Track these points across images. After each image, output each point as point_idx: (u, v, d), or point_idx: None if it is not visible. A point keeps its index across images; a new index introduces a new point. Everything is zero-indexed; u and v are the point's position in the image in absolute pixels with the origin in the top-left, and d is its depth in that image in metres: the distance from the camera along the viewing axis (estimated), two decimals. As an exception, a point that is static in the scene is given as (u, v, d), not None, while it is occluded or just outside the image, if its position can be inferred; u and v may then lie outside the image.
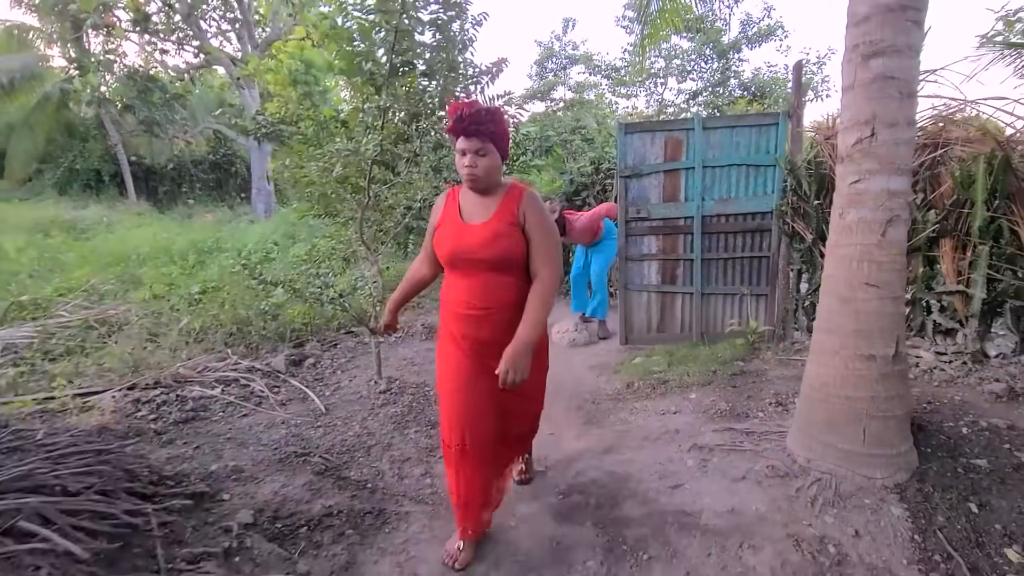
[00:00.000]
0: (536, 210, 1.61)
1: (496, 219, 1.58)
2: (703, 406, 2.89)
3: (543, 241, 1.60)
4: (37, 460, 1.41)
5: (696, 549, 1.77)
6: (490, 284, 1.60)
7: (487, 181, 1.61)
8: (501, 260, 1.58)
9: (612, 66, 12.23)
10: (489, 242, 1.56)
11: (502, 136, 1.60)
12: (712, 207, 4.04)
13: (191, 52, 16.07)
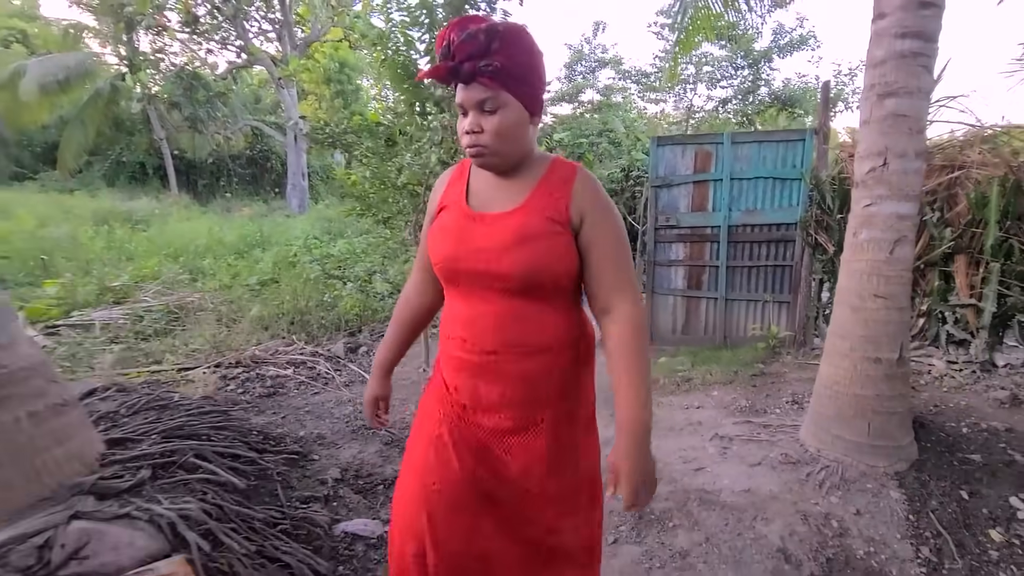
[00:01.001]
0: (602, 203, 0.95)
1: (526, 210, 0.93)
2: (724, 402, 3.15)
3: (616, 254, 0.94)
4: (183, 416, 1.77)
5: (715, 520, 2.04)
6: (508, 315, 0.95)
7: (505, 155, 0.93)
8: (529, 277, 0.92)
9: (642, 72, 12.40)
10: (512, 245, 0.91)
11: (525, 75, 0.89)
12: (738, 217, 4.28)
13: (233, 52, 16.77)
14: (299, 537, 1.63)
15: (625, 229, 0.98)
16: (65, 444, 1.40)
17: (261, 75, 19.92)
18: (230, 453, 1.69)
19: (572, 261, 0.95)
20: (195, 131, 17.40)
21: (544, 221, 0.93)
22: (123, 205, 10.92)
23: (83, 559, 1.18)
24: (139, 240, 7.12)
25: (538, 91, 0.94)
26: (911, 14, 1.93)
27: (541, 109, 0.96)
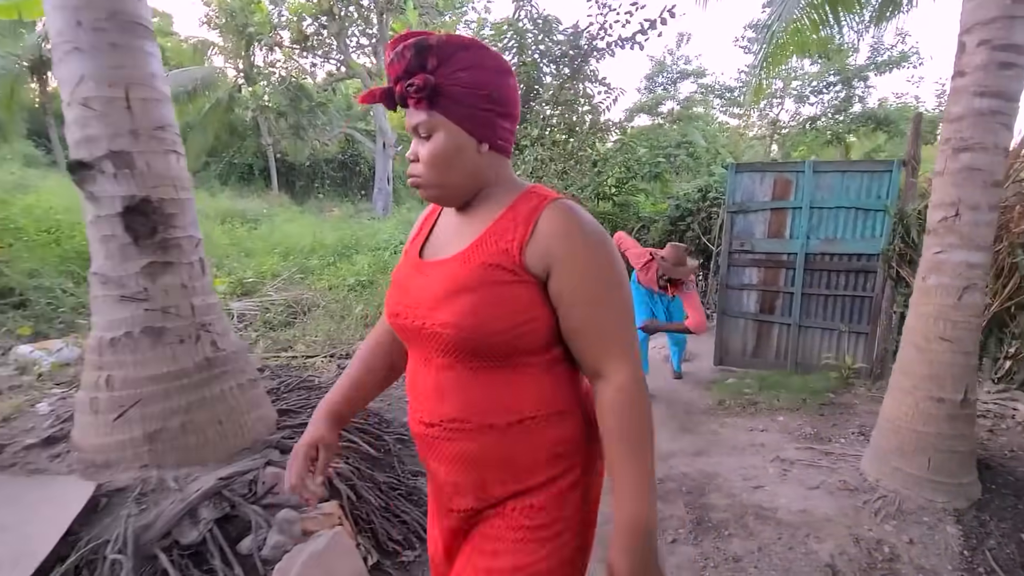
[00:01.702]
0: (575, 244, 0.75)
1: (465, 254, 0.78)
2: (789, 428, 3.26)
3: (597, 309, 0.76)
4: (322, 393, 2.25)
5: (769, 534, 2.23)
6: (462, 381, 0.78)
7: (445, 187, 0.80)
8: (466, 338, 0.75)
9: (725, 86, 12.21)
10: (443, 298, 0.76)
11: (466, 95, 0.75)
12: (817, 245, 4.30)
13: (334, 64, 18.26)
14: (412, 501, 2.04)
15: (618, 273, 0.77)
16: (256, 410, 1.89)
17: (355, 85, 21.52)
18: (360, 429, 2.14)
19: (533, 315, 0.75)
20: (297, 137, 19.12)
21: (482, 268, 0.75)
22: (238, 204, 12.32)
23: (276, 494, 1.64)
24: (254, 238, 8.12)
25: (487, 113, 0.76)
26: (991, 74, 2.04)
27: (498, 134, 0.79)
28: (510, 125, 0.81)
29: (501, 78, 0.78)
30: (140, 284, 1.68)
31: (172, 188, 1.77)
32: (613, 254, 0.78)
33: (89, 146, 1.65)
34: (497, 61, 0.78)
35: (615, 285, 0.77)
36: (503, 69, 0.79)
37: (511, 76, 0.80)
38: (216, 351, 1.81)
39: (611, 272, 0.77)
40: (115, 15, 1.67)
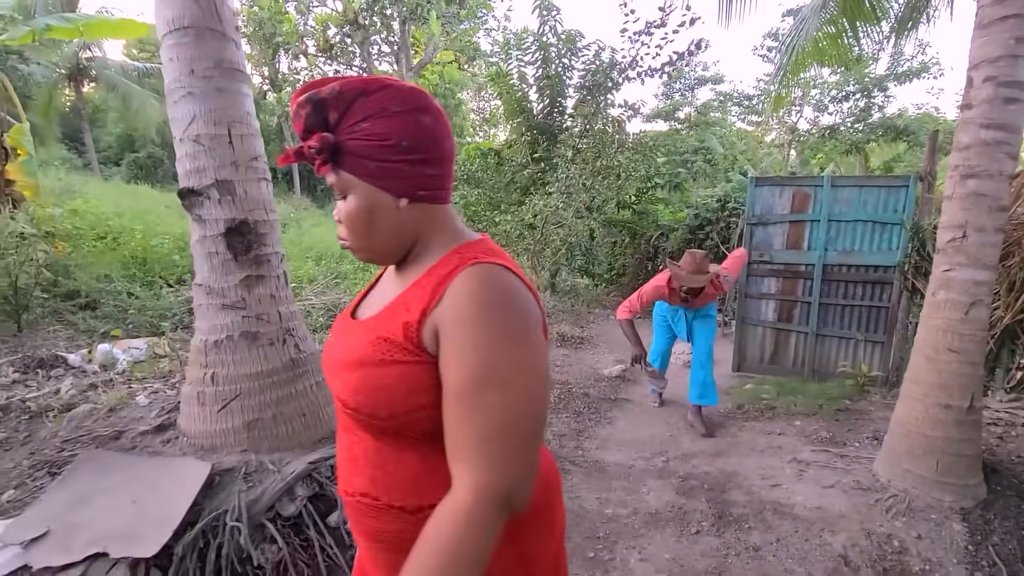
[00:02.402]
0: (469, 318, 0.64)
1: (376, 322, 0.71)
2: (806, 432, 3.44)
3: (469, 397, 0.63)
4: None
5: (787, 527, 2.43)
6: (372, 454, 0.73)
7: (370, 249, 0.74)
8: (363, 415, 0.70)
9: (744, 94, 12.32)
10: (345, 368, 0.72)
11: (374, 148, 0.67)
12: (834, 257, 4.47)
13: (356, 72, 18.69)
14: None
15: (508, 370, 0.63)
16: (330, 405, 2.15)
17: (378, 92, 21.95)
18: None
19: (433, 400, 0.66)
20: (319, 143, 19.57)
21: (376, 343, 0.68)
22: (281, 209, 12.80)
23: (353, 478, 1.89)
24: (286, 243, 8.49)
25: (399, 163, 0.67)
26: (996, 108, 2.23)
27: (417, 184, 0.69)
28: (435, 170, 0.71)
29: (412, 119, 0.68)
30: (239, 294, 1.95)
31: (263, 211, 2.05)
32: (507, 338, 0.63)
33: (199, 176, 1.93)
34: (407, 99, 0.68)
35: (494, 385, 0.62)
36: (415, 107, 0.68)
37: (427, 113, 0.69)
38: (298, 352, 2.07)
39: (493, 368, 0.62)
40: (220, 64, 1.95)
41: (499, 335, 0.63)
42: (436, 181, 0.72)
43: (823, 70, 10.21)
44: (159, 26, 1.96)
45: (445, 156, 0.72)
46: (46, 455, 2.00)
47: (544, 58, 7.19)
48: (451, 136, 0.74)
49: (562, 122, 7.41)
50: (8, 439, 2.15)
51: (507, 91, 7.18)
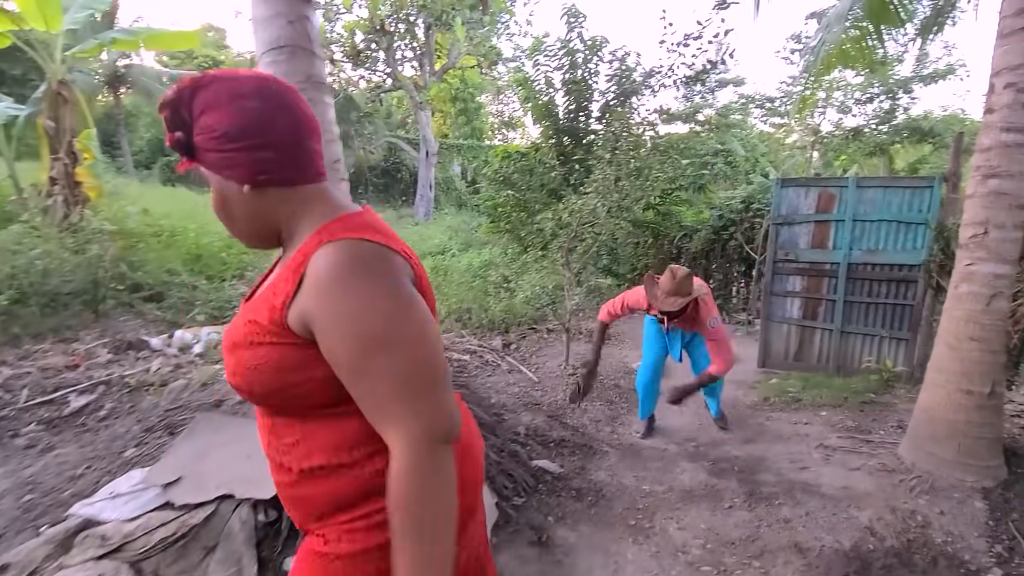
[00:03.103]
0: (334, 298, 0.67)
1: (251, 306, 0.76)
2: (831, 422, 3.59)
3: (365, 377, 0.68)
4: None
5: (815, 503, 2.60)
6: (264, 425, 0.80)
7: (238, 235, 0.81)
8: (244, 392, 0.76)
9: (766, 96, 12.38)
10: (226, 350, 0.77)
11: (216, 141, 0.71)
12: (859, 256, 4.60)
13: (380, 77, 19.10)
14: (515, 460, 2.50)
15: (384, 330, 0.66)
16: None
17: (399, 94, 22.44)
18: (473, 397, 2.63)
19: (306, 376, 0.70)
20: (344, 146, 20.03)
21: (247, 326, 0.72)
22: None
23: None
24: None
25: (233, 152, 0.71)
26: (1016, 112, 2.38)
27: (255, 169, 0.72)
28: (272, 153, 0.72)
29: (235, 108, 0.70)
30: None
31: (343, 207, 2.30)
32: (373, 302, 0.66)
33: (290, 176, 2.19)
34: (234, 87, 0.71)
35: (378, 347, 0.66)
36: (237, 96, 0.71)
37: (251, 99, 0.71)
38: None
39: (372, 333, 0.66)
40: (309, 78, 2.21)
41: (364, 303, 0.66)
42: (274, 165, 0.73)
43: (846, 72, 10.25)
44: (258, 46, 2.23)
45: (282, 139, 0.73)
46: (151, 422, 2.28)
47: (571, 63, 7.43)
48: (292, 116, 0.74)
49: (587, 125, 7.63)
50: (116, 409, 2.45)
51: (534, 96, 7.41)
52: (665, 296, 2.68)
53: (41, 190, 5.08)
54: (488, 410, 2.95)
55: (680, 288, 2.67)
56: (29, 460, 2.21)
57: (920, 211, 4.38)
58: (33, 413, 2.55)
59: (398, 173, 22.60)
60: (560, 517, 2.38)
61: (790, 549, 2.24)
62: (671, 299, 2.66)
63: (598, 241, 4.65)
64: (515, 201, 7.17)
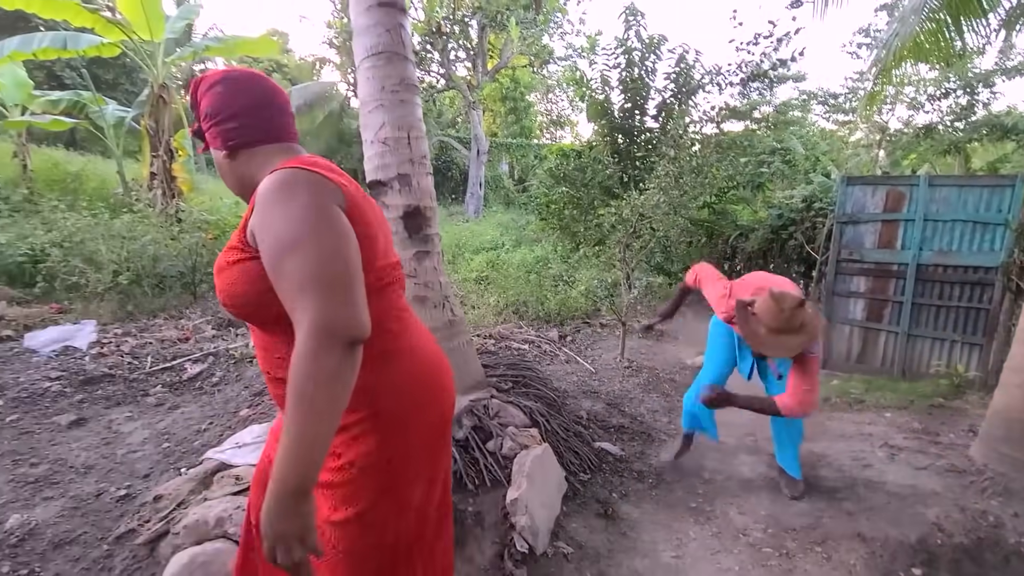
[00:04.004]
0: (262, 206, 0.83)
1: (230, 239, 0.93)
2: (897, 423, 3.53)
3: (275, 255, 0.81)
4: (506, 360, 2.92)
5: (879, 499, 2.60)
6: (257, 342, 0.99)
7: (234, 191, 1.03)
8: (236, 310, 0.93)
9: (829, 92, 11.91)
10: (215, 274, 0.95)
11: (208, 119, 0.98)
12: (930, 257, 4.45)
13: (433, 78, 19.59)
14: (580, 439, 2.65)
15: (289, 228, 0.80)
16: (475, 362, 2.59)
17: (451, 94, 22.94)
18: (538, 381, 2.80)
19: (269, 285, 0.83)
20: (398, 145, 20.60)
21: (226, 252, 0.91)
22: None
23: (500, 417, 2.31)
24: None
25: (211, 128, 0.97)
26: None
27: (226, 138, 0.96)
28: (235, 123, 0.96)
29: (211, 94, 0.96)
30: (411, 266, 2.43)
31: (429, 199, 2.51)
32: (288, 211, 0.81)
33: (385, 171, 2.42)
34: (211, 79, 0.97)
35: (287, 249, 0.79)
36: (212, 84, 0.97)
37: (220, 84, 0.96)
38: (453, 316, 2.53)
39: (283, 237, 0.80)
40: (403, 81, 2.44)
41: (282, 214, 0.81)
42: (238, 131, 0.96)
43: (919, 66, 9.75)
44: (358, 53, 2.47)
45: (241, 110, 0.96)
46: (257, 387, 2.58)
47: (628, 62, 7.46)
48: (250, 93, 0.97)
49: (643, 123, 7.65)
50: (225, 376, 2.77)
51: (590, 95, 7.50)
52: (770, 335, 1.94)
53: (143, 184, 5.63)
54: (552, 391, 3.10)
55: (792, 323, 1.90)
56: (160, 416, 2.57)
57: (1000, 211, 4.21)
58: (158, 377, 2.95)
59: (448, 171, 23.09)
60: (624, 495, 2.51)
61: (853, 538, 2.28)
62: (780, 339, 1.93)
63: (655, 237, 4.72)
64: (568, 198, 7.29)
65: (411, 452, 0.98)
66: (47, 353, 3.21)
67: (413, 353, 1.01)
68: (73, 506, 2.00)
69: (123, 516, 1.93)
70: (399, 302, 1.04)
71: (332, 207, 0.85)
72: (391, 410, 0.95)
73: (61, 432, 2.55)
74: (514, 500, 1.96)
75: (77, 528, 1.88)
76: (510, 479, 2.06)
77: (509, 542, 1.90)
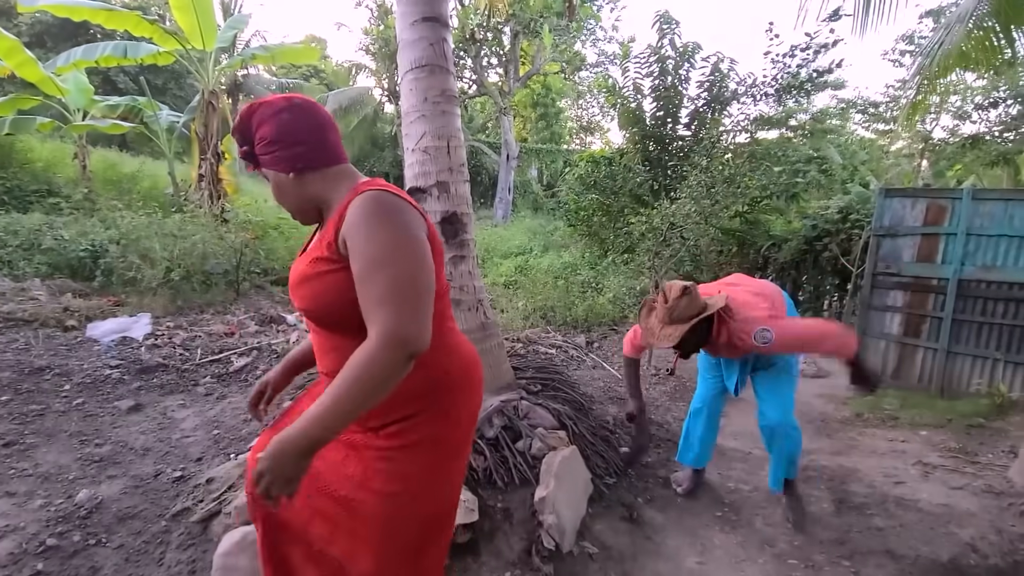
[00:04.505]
0: (358, 222, 0.95)
1: (311, 251, 1.05)
2: (933, 441, 3.45)
3: (365, 272, 0.92)
4: (534, 363, 3.00)
5: (910, 517, 2.57)
6: (325, 345, 1.09)
7: (291, 213, 1.11)
8: (316, 315, 1.05)
9: (869, 101, 11.60)
10: (296, 286, 1.05)
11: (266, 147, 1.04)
12: (972, 272, 4.33)
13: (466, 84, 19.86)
14: (606, 443, 2.70)
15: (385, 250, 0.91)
16: (505, 363, 2.67)
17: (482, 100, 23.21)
18: (566, 385, 2.86)
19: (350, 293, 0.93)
20: (429, 150, 20.95)
21: (313, 262, 1.00)
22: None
23: (530, 418, 2.38)
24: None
25: (275, 152, 1.02)
26: None
27: (294, 162, 1.03)
28: (304, 148, 1.03)
29: (273, 120, 1.02)
30: (448, 269, 2.53)
31: (466, 205, 2.62)
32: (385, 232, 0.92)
33: (425, 178, 2.54)
34: (269, 108, 1.03)
35: (379, 265, 0.90)
36: (276, 111, 1.02)
37: (283, 111, 1.02)
38: (486, 319, 2.62)
39: (377, 254, 0.91)
40: (444, 92, 2.55)
41: (378, 232, 0.92)
42: (308, 154, 1.03)
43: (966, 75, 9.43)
44: (402, 65, 2.60)
45: (308, 137, 1.03)
46: (300, 381, 2.71)
47: (661, 69, 7.47)
48: (313, 120, 1.04)
49: (675, 131, 7.63)
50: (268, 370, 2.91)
51: (622, 102, 7.53)
52: (662, 326, 1.94)
53: (191, 185, 5.94)
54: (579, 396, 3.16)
55: (674, 313, 1.89)
56: (210, 405, 2.74)
57: (1049, 227, 4.06)
58: (207, 369, 3.14)
59: (478, 176, 23.32)
60: (649, 500, 2.55)
61: (882, 554, 2.26)
62: (668, 330, 1.92)
63: (685, 245, 4.72)
64: (598, 205, 7.33)
65: (458, 436, 1.13)
66: (107, 342, 3.47)
67: (460, 351, 1.16)
68: (134, 484, 2.17)
69: (179, 496, 2.08)
70: (448, 309, 1.17)
71: (419, 233, 0.97)
72: (445, 401, 1.08)
73: (121, 416, 2.75)
74: (542, 499, 2.03)
75: (138, 505, 2.05)
76: (538, 478, 2.13)
77: (536, 539, 1.97)
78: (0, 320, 3.69)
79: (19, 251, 4.79)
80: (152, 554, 1.83)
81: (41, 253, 4.80)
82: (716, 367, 2.48)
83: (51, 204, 6.01)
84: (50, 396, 2.90)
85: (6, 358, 3.24)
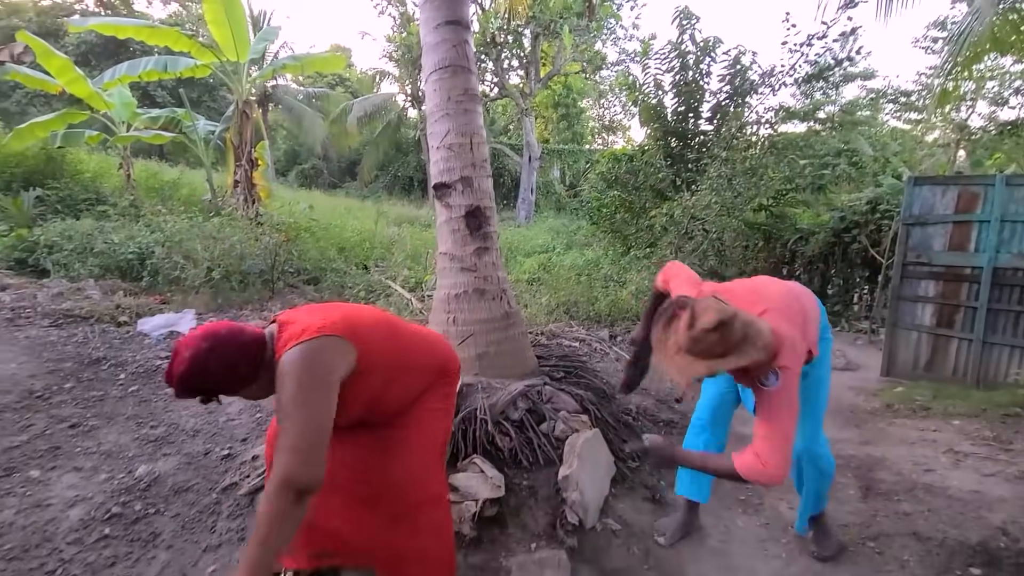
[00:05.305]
0: (277, 381, 1.21)
1: None
2: (965, 431, 3.38)
3: (281, 424, 1.17)
4: (557, 352, 3.08)
5: (940, 503, 2.55)
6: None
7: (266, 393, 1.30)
8: None
9: (900, 90, 11.28)
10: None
11: (212, 387, 1.20)
12: (1008, 260, 4.21)
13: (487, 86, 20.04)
14: (628, 429, 2.76)
15: (293, 398, 1.15)
16: (528, 351, 2.77)
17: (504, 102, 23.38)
18: (588, 372, 2.93)
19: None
20: (453, 153, 21.23)
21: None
22: (410, 212, 14.40)
23: (553, 402, 2.47)
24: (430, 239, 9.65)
25: (226, 387, 1.22)
26: None
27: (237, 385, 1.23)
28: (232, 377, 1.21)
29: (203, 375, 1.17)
30: (472, 261, 2.64)
31: (489, 199, 2.72)
32: (292, 393, 1.16)
33: (449, 174, 2.66)
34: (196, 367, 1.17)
35: (285, 415, 1.15)
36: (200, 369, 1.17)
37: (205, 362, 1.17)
38: (509, 308, 2.72)
39: (283, 408, 1.16)
40: (466, 92, 2.67)
41: (288, 390, 1.16)
42: (238, 380, 1.22)
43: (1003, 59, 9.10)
44: (426, 67, 2.73)
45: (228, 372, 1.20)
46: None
47: (682, 65, 7.46)
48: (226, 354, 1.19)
49: (697, 126, 7.60)
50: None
51: (643, 99, 7.54)
52: (677, 353, 1.41)
53: (227, 191, 6.23)
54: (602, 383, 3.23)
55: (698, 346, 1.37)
56: (251, 391, 2.92)
57: (1088, 211, 3.94)
58: (248, 359, 3.32)
59: (500, 178, 23.50)
60: (671, 483, 2.59)
61: (908, 536, 2.27)
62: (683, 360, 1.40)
63: (708, 239, 4.73)
64: (620, 201, 7.35)
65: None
66: (156, 336, 3.71)
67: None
68: (187, 461, 2.34)
69: (227, 472, 2.25)
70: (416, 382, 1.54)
71: (322, 380, 1.20)
72: None
73: (172, 402, 2.95)
74: (566, 476, 2.11)
75: (191, 479, 2.22)
76: (562, 458, 2.21)
77: (561, 514, 2.06)
78: (60, 316, 4.00)
79: (74, 255, 5.14)
80: (205, 522, 1.98)
81: (93, 256, 5.14)
82: (726, 378, 2.00)
83: (100, 211, 6.39)
84: (108, 384, 3.14)
85: (67, 350, 3.52)
